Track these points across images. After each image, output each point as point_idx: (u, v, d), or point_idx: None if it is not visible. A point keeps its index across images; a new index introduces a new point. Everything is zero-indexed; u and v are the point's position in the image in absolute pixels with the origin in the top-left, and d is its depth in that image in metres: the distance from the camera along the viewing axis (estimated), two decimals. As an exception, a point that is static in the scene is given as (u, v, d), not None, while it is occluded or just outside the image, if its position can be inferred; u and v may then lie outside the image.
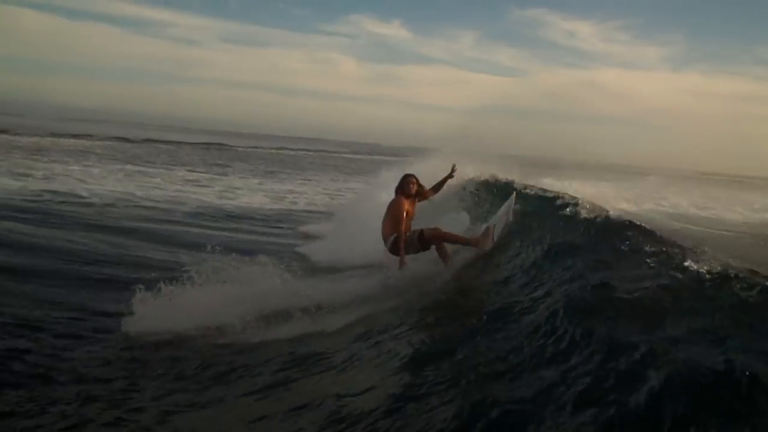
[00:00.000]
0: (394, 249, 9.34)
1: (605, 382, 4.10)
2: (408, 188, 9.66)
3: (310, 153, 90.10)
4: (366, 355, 6.33)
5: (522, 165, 13.12)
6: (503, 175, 13.30)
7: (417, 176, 9.87)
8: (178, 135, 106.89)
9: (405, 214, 9.42)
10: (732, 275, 5.05)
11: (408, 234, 9.38)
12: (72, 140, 59.38)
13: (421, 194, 9.86)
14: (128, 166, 36.26)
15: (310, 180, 41.34)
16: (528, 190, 11.77)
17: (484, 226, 9.83)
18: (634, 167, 69.04)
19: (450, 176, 10.25)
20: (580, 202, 9.69)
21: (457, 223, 10.55)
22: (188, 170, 38.22)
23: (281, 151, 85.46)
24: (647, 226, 7.65)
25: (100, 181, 26.80)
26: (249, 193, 28.31)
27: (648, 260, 6.16)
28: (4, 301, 8.90)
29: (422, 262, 9.56)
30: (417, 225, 9.67)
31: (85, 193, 22.06)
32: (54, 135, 63.56)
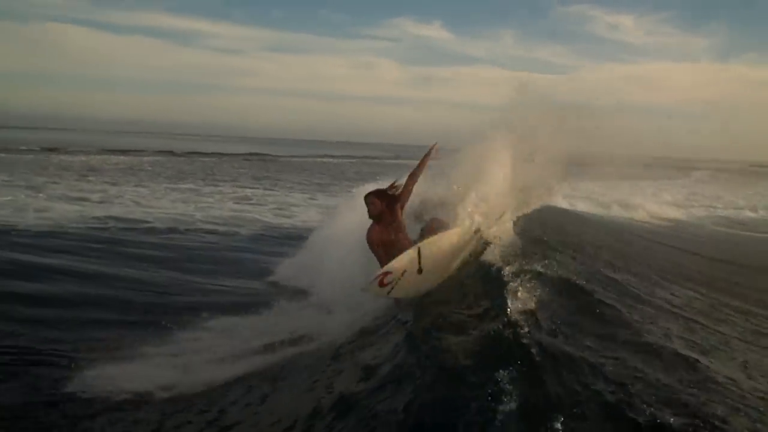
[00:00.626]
0: None
1: None
2: (370, 213, 8.13)
3: (353, 160, 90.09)
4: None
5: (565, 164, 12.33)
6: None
7: (385, 186, 8.41)
8: (221, 145, 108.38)
9: (378, 246, 8.02)
10: None
11: None
12: (121, 157, 60.41)
13: (397, 200, 8.20)
14: (179, 185, 36.50)
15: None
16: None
17: None
18: (681, 159, 67.74)
19: (428, 156, 8.72)
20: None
21: None
22: (237, 186, 38.37)
23: (325, 160, 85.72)
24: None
25: (156, 203, 26.93)
26: (303, 210, 28.21)
27: None
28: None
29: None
30: None
31: (145, 217, 22.18)
32: (103, 151, 64.92)
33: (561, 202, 27.60)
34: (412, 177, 8.37)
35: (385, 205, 8.03)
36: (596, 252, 11.43)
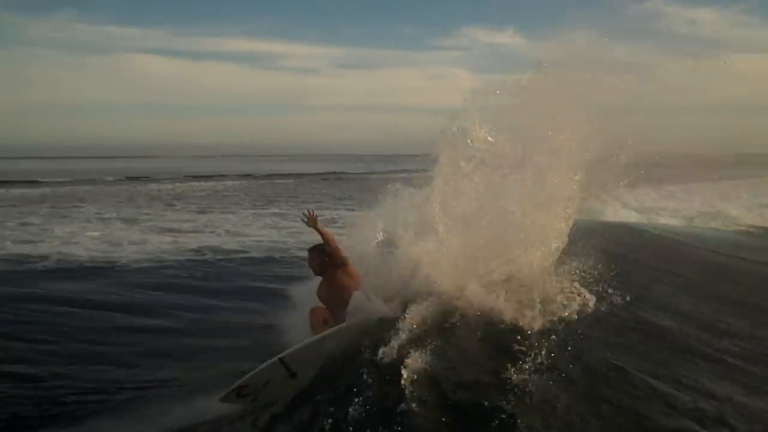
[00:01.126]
0: None
1: None
2: (312, 269, 8.32)
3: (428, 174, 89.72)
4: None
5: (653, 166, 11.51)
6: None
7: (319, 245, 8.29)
8: (298, 165, 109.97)
9: (321, 301, 8.21)
10: None
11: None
12: (203, 183, 61.64)
13: (332, 257, 8.13)
14: (265, 209, 36.80)
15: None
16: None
17: None
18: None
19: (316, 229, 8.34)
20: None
21: None
22: (322, 208, 38.43)
23: (402, 175, 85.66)
24: None
25: (246, 230, 27.11)
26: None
27: None
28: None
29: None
30: None
31: (239, 247, 22.27)
32: (187, 178, 66.60)
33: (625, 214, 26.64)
34: (328, 243, 8.22)
35: (322, 261, 8.11)
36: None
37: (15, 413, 8.23)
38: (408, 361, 6.19)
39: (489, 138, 8.60)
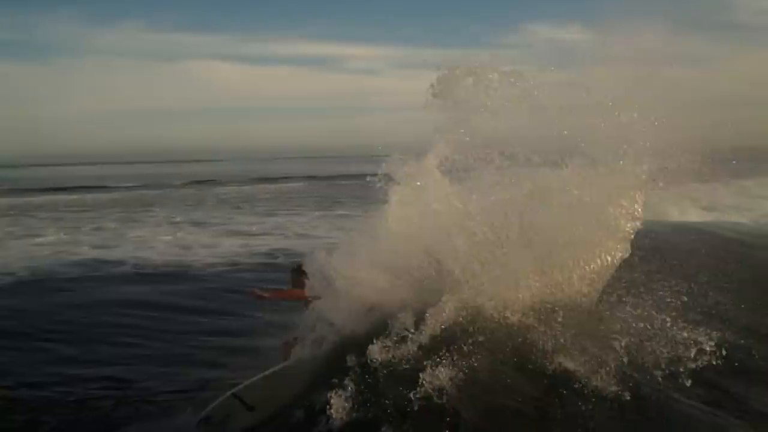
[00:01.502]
0: None
1: None
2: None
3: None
4: None
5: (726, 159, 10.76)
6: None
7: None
8: (360, 166, 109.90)
9: None
10: None
11: None
12: (269, 185, 62.37)
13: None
14: (331, 211, 37.11)
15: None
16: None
17: None
18: None
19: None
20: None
21: None
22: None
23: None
24: None
25: (314, 232, 27.45)
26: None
27: None
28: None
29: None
30: None
31: (309, 250, 22.38)
32: (252, 180, 67.62)
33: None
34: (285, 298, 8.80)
35: (298, 283, 8.43)
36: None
37: (107, 414, 8.58)
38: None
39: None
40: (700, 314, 8.38)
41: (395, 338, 6.60)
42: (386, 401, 5.94)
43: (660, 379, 6.68)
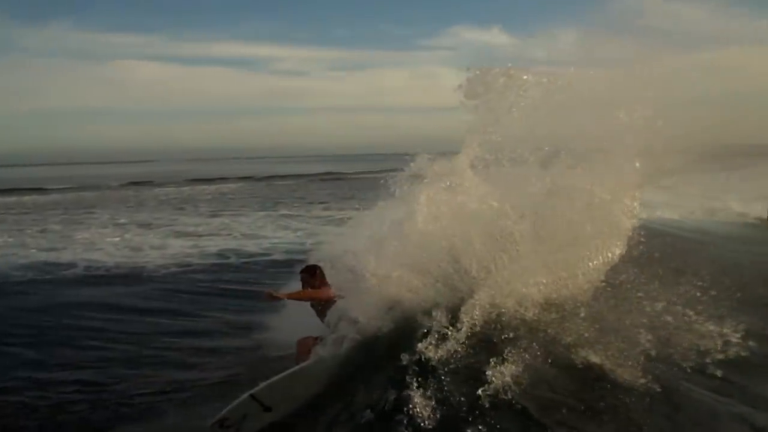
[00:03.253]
0: None
1: None
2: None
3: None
4: None
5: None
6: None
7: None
8: (296, 167, 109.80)
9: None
10: None
11: None
12: (207, 186, 61.73)
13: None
14: (274, 211, 36.96)
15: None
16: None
17: None
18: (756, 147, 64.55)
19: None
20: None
21: None
22: (328, 209, 38.67)
23: (393, 174, 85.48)
24: None
25: (262, 232, 27.40)
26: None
27: None
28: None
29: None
30: None
31: (259, 250, 22.60)
32: (189, 182, 66.62)
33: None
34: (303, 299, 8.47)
35: (310, 284, 8.32)
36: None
37: (83, 417, 8.56)
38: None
39: None
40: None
41: (437, 336, 6.73)
42: (455, 397, 6.01)
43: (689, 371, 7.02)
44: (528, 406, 5.83)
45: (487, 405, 5.76)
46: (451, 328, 6.80)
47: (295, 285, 13.79)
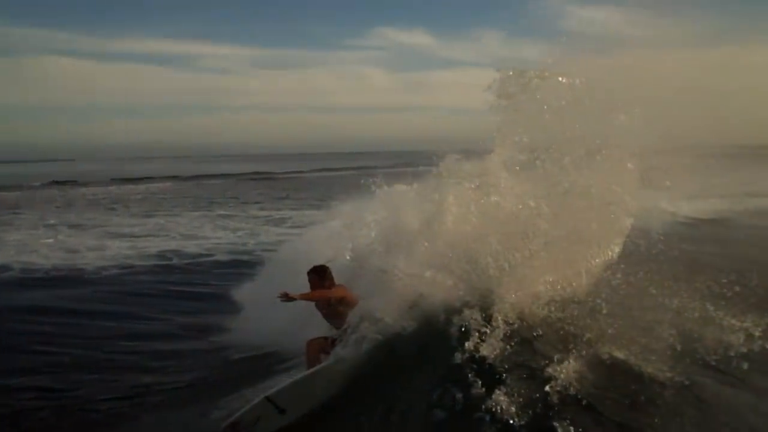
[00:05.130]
0: None
1: None
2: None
3: (354, 172, 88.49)
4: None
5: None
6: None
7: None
8: (224, 166, 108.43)
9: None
10: None
11: None
12: (135, 186, 60.42)
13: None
14: (210, 211, 36.37)
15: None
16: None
17: None
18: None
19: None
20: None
21: None
22: (264, 209, 38.33)
23: (328, 174, 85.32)
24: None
25: (200, 233, 27.03)
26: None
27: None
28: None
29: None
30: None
31: (201, 250, 22.21)
32: (115, 181, 65.15)
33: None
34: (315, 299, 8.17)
35: (320, 284, 8.02)
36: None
37: (50, 424, 8.32)
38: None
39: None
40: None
41: (479, 334, 6.68)
42: (519, 395, 5.92)
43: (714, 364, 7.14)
44: (594, 402, 5.89)
45: (556, 400, 5.79)
46: (488, 326, 6.79)
47: (249, 286, 13.85)
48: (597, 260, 7.81)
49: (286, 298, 7.52)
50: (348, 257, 10.20)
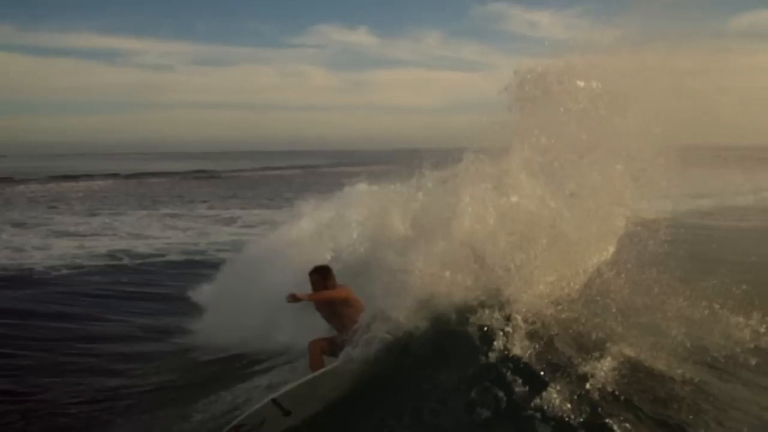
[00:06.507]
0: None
1: None
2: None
3: (298, 171, 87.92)
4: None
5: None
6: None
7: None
8: (163, 164, 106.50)
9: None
10: None
11: None
12: (75, 184, 58.89)
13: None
14: (155, 210, 35.74)
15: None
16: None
17: None
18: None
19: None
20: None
21: None
22: (213, 208, 37.83)
23: (273, 172, 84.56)
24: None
25: (148, 232, 26.57)
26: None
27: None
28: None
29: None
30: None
31: (152, 250, 21.83)
32: (52, 178, 63.34)
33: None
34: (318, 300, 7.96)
35: (323, 284, 7.90)
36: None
37: (19, 429, 8.07)
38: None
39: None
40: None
41: (504, 333, 6.73)
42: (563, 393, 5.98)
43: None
44: (633, 400, 5.99)
45: (598, 398, 5.91)
46: (507, 326, 6.86)
47: (209, 287, 13.59)
48: (594, 260, 7.92)
49: (294, 299, 7.40)
50: (329, 257, 10.06)
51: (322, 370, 7.28)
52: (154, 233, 26.15)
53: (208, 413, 7.75)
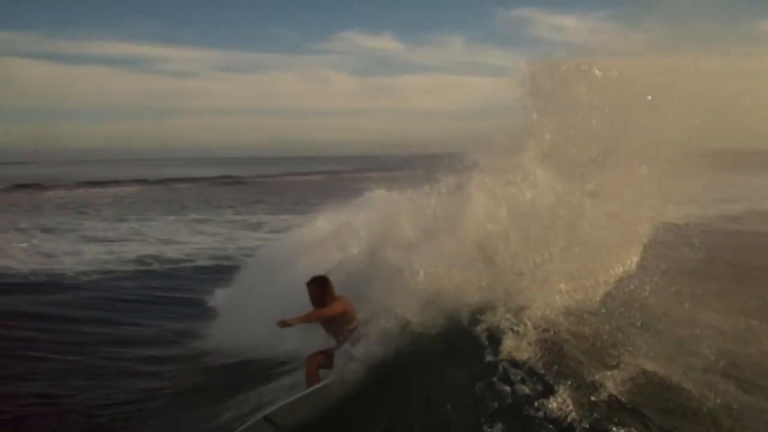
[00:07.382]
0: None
1: None
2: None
3: (322, 176, 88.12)
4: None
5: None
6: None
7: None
8: (190, 170, 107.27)
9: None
10: None
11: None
12: (102, 190, 59.51)
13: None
14: (184, 216, 36.09)
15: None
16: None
17: None
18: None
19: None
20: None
21: None
22: (239, 213, 38.10)
23: (296, 178, 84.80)
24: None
25: (178, 237, 26.77)
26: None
27: None
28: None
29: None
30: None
31: (181, 255, 22.05)
32: (80, 185, 63.99)
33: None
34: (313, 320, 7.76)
35: (319, 294, 7.71)
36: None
37: (55, 430, 8.25)
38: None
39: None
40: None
41: (514, 336, 6.65)
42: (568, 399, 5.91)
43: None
44: (642, 410, 5.91)
45: (605, 406, 5.84)
46: (519, 329, 6.78)
47: (233, 292, 13.68)
48: (616, 270, 7.71)
49: (284, 325, 7.19)
50: (338, 261, 10.10)
51: (312, 388, 7.15)
52: (182, 238, 26.40)
53: (237, 412, 7.87)
